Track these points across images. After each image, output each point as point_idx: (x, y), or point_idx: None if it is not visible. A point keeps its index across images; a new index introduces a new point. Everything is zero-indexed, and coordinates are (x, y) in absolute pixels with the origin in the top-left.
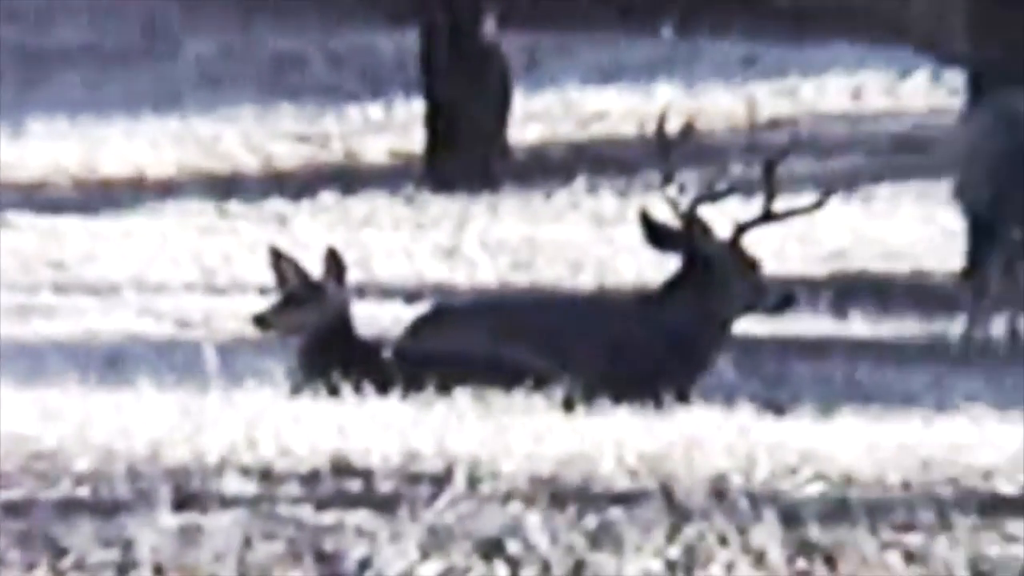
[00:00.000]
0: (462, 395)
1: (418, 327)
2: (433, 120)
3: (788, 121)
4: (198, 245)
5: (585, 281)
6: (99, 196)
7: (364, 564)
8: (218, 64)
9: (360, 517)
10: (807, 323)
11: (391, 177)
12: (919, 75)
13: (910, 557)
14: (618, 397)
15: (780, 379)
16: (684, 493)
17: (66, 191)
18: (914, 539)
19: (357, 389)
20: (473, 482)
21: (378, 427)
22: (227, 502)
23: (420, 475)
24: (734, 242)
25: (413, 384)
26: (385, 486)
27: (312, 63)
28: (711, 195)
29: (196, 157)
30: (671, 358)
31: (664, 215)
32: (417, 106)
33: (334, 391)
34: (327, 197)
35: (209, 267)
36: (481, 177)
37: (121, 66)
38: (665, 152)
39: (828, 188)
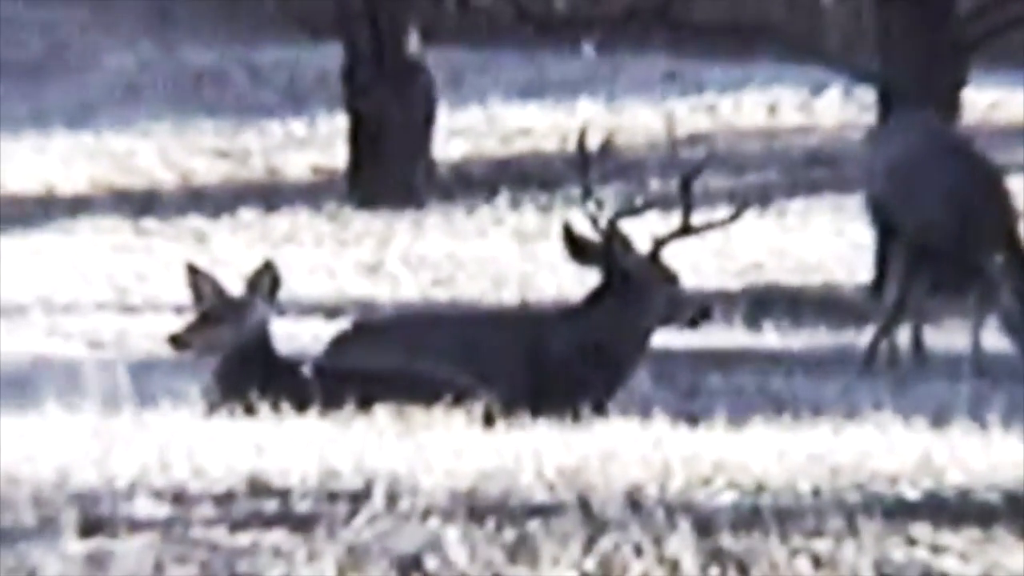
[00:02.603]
0: (382, 412)
1: (338, 344)
2: (356, 136)
3: (706, 137)
4: (111, 263)
5: (507, 296)
6: (6, 213)
7: None
8: (135, 78)
9: (276, 537)
10: (722, 335)
11: (313, 193)
12: (832, 91)
13: (818, 562)
14: (538, 410)
15: (694, 390)
16: (600, 505)
17: None
18: (823, 545)
19: (275, 408)
20: (392, 499)
21: (296, 446)
22: (138, 526)
23: (338, 493)
24: (653, 256)
25: (332, 402)
26: (302, 505)
27: (232, 78)
28: (631, 210)
29: (110, 173)
30: (591, 371)
31: (586, 230)
32: (340, 122)
33: (250, 410)
34: (247, 214)
35: (122, 286)
36: (405, 193)
37: (31, 80)
38: (585, 168)
39: (743, 202)
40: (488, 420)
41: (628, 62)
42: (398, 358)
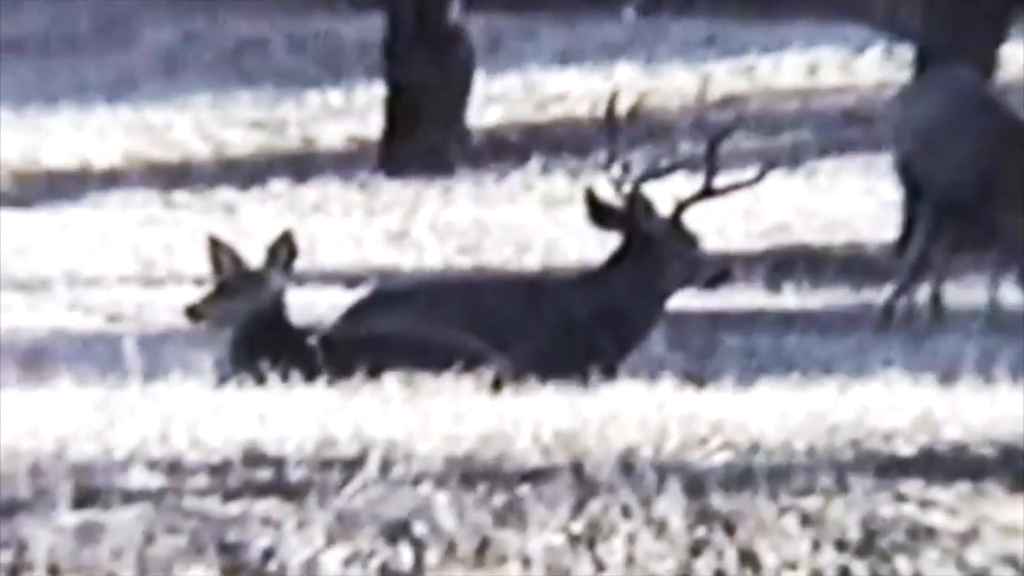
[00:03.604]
0: (390, 379)
1: (355, 311)
2: (393, 104)
3: (743, 99)
4: (139, 236)
5: (531, 262)
6: (40, 188)
7: (268, 554)
8: (177, 51)
9: (268, 506)
10: (741, 296)
11: (346, 163)
12: (873, 51)
13: (806, 520)
14: (552, 375)
15: (708, 351)
16: (593, 468)
17: (4, 184)
18: (811, 502)
19: (284, 377)
20: (386, 466)
21: (300, 415)
22: (131, 497)
23: (333, 461)
24: (674, 218)
25: (342, 370)
26: (296, 474)
27: (273, 48)
28: (655, 173)
29: (146, 146)
30: (608, 334)
31: (613, 195)
32: (378, 91)
33: (261, 380)
34: (278, 185)
35: (148, 259)
36: (436, 161)
37: (73, 54)
38: (613, 132)
39: (767, 163)
40: (497, 386)
41: (669, 25)
42: (415, 325)
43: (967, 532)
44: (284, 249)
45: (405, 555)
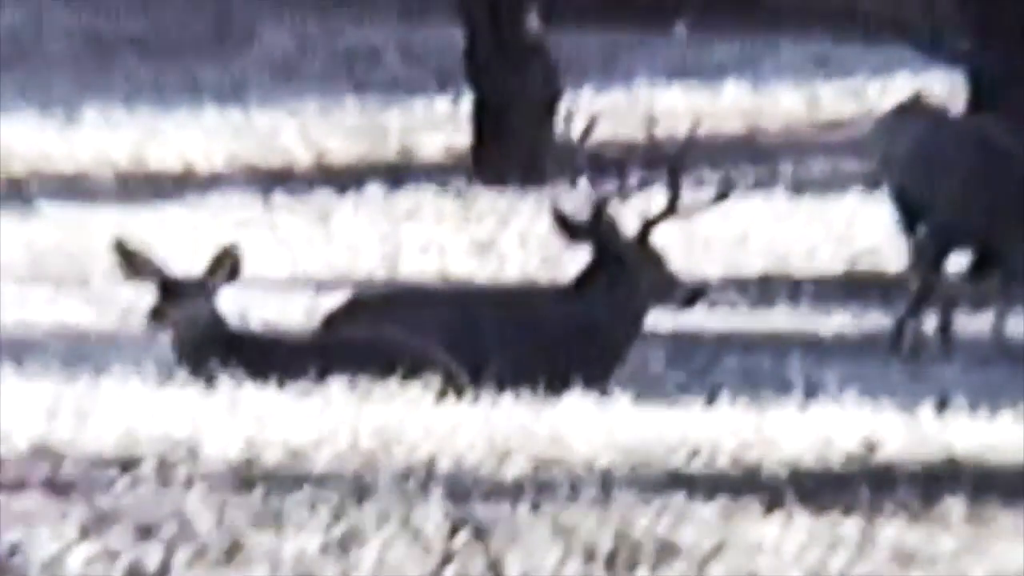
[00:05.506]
0: (336, 384)
1: (333, 319)
2: (479, 115)
3: (848, 122)
4: (229, 238)
5: None
6: (142, 188)
7: (15, 548)
8: (291, 56)
9: (27, 502)
10: (782, 318)
11: (443, 171)
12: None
13: (559, 531)
14: (532, 387)
15: (705, 371)
16: (370, 475)
17: (109, 182)
18: (569, 515)
19: (232, 378)
20: (168, 467)
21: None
22: None
23: (113, 460)
24: (641, 236)
25: (294, 374)
26: (70, 471)
27: (384, 56)
28: (620, 193)
29: (250, 151)
30: (582, 350)
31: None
32: None
33: (210, 380)
34: (374, 191)
35: None
36: (529, 172)
37: (189, 56)
38: (574, 152)
39: (728, 183)
40: (442, 394)
41: (780, 45)
42: (387, 333)
43: (713, 548)
44: (227, 261)
45: (154, 555)
